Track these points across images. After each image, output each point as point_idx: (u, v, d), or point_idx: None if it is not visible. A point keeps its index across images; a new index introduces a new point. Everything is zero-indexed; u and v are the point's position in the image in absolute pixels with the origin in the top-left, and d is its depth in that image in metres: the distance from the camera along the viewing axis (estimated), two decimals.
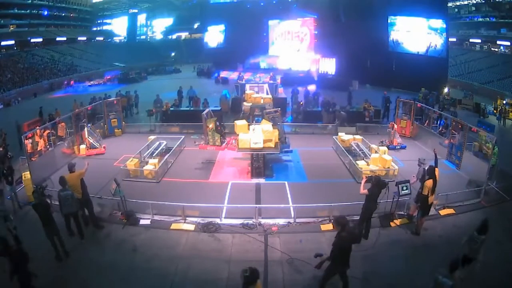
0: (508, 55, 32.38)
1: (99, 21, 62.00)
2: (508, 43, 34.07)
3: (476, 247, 5.76)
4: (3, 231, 6.47)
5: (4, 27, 42.37)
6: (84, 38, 53.78)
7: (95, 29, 60.98)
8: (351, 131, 13.62)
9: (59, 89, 31.34)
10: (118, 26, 62.33)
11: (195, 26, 57.06)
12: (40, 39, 44.92)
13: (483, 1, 37.16)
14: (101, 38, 58.59)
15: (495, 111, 19.24)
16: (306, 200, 8.61)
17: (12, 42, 41.68)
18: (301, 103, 17.45)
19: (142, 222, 8.03)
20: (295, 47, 33.59)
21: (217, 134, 10.54)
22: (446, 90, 22.47)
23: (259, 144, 9.69)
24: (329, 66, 28.56)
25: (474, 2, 38.33)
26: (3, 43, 40.36)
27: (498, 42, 35.07)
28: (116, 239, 7.47)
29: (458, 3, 40.06)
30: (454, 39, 35.79)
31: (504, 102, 19.11)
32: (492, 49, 35.31)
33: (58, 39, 48.12)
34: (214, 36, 41.84)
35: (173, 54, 53.56)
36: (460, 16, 40.09)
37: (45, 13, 47.92)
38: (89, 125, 12.95)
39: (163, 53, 53.26)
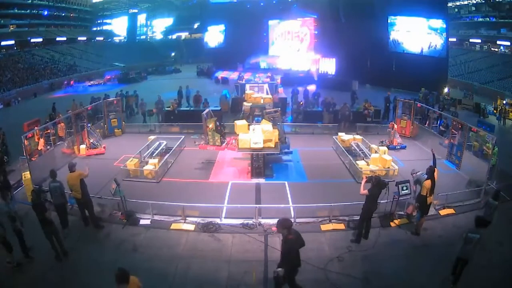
0: (508, 55, 32.34)
1: (99, 21, 61.89)
2: (508, 43, 34.03)
3: (490, 212, 7.14)
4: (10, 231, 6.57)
5: (4, 27, 42.30)
6: (84, 38, 53.71)
7: (95, 29, 60.89)
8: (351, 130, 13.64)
9: (59, 89, 31.33)
10: (118, 26, 62.24)
11: (195, 26, 56.97)
12: (40, 39, 44.88)
13: (483, 1, 37.13)
14: (101, 38, 58.49)
15: (495, 111, 19.22)
16: (306, 200, 8.61)
17: (12, 42, 41.61)
18: (301, 103, 17.44)
19: (142, 222, 8.04)
20: (295, 47, 33.56)
21: (217, 134, 10.54)
22: (446, 90, 22.47)
23: (259, 144, 9.68)
24: (329, 66, 28.54)
25: (474, 2, 38.30)
26: (3, 43, 40.29)
27: (498, 42, 35.03)
28: (116, 239, 7.47)
29: (458, 3, 40.03)
30: (454, 39, 35.74)
31: (504, 102, 19.11)
32: (492, 49, 35.26)
33: (58, 39, 48.06)
34: (214, 36, 41.80)
35: (173, 54, 53.49)
36: (460, 16, 40.07)
37: (45, 13, 47.84)
38: (89, 125, 12.96)
39: (163, 53, 53.16)
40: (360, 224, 7.27)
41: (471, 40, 37.98)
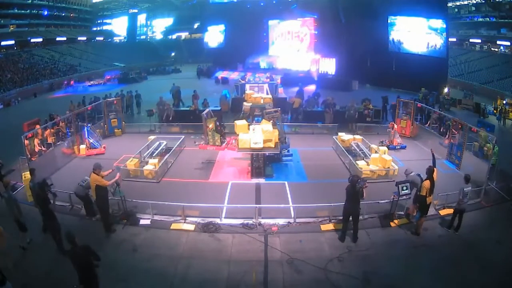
0: (508, 55, 32.29)
1: (99, 21, 61.88)
2: (508, 43, 34.00)
3: None
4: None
5: (4, 27, 42.26)
6: (84, 38, 53.65)
7: (95, 29, 60.86)
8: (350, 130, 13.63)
9: (59, 89, 31.34)
10: (118, 26, 62.24)
11: (195, 26, 56.97)
12: (40, 39, 44.85)
13: (483, 1, 37.08)
14: (101, 38, 58.45)
15: (495, 111, 19.20)
16: (306, 200, 8.62)
17: (12, 42, 41.56)
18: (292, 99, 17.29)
19: (142, 222, 8.04)
20: (295, 47, 33.51)
21: (217, 134, 10.54)
22: (446, 90, 22.45)
23: (259, 144, 9.68)
24: (329, 66, 28.55)
25: (474, 2, 38.24)
26: (3, 43, 40.25)
27: (498, 42, 34.99)
28: (116, 239, 7.47)
29: (458, 3, 39.99)
30: (454, 39, 35.72)
31: (504, 102, 19.08)
32: (492, 49, 35.22)
33: (58, 39, 48.03)
34: (214, 36, 41.80)
35: (173, 54, 53.46)
36: (460, 16, 40.03)
37: (45, 13, 47.79)
38: (89, 125, 12.96)
39: (163, 53, 53.17)
40: (342, 222, 7.36)
41: (471, 40, 37.93)
